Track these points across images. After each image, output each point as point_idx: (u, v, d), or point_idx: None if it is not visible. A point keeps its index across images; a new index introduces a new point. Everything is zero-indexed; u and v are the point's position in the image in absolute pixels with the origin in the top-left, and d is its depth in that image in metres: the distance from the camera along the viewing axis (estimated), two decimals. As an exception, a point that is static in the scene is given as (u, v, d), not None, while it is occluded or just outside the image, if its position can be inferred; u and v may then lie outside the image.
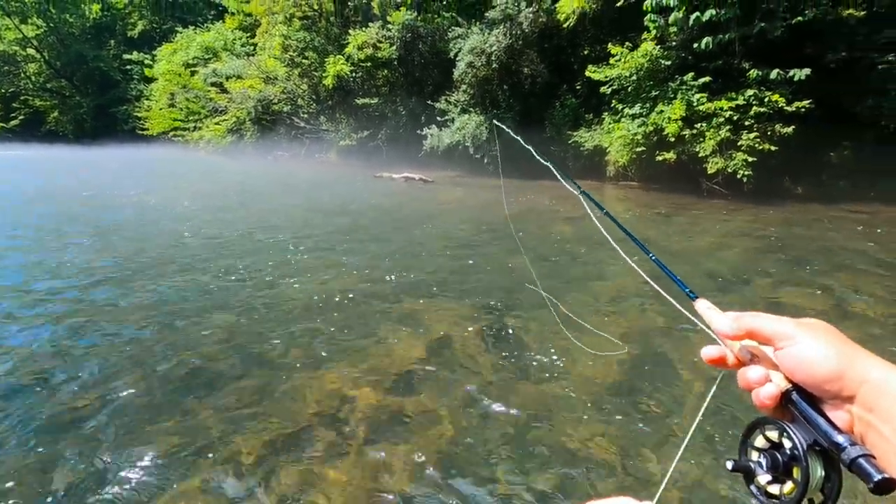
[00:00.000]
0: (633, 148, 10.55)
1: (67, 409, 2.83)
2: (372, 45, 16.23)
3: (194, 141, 23.60)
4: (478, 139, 13.48)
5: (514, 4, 13.01)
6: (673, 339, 3.65)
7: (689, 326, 3.74)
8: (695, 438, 2.51)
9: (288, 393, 2.96)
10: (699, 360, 0.58)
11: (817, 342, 0.47)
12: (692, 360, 3.31)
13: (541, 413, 2.78)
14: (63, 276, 5.13)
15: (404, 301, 4.37)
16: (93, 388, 3.01)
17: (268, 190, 11.72)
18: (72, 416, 2.75)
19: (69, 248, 6.21)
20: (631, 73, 10.49)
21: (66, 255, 5.88)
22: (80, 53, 31.76)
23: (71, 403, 2.88)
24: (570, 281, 4.94)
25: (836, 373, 0.44)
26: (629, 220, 7.96)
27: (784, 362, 0.48)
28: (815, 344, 0.47)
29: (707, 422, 2.62)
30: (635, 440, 2.54)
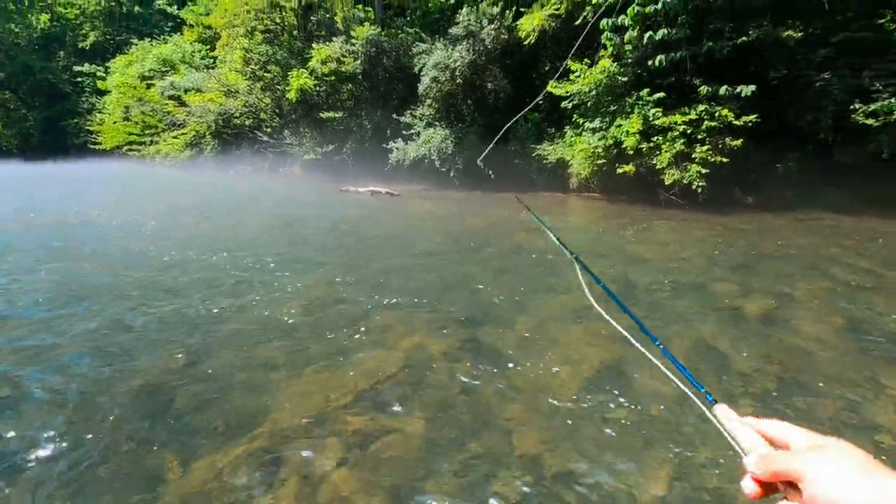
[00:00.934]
0: (594, 160, 10.86)
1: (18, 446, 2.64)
2: (336, 60, 16.18)
3: (150, 155, 22.79)
4: (443, 152, 13.58)
5: (476, 22, 13.27)
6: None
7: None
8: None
9: (252, 412, 2.84)
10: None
11: (839, 482, 0.45)
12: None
13: (514, 427, 2.77)
14: (15, 303, 4.81)
15: (372, 316, 4.31)
16: (43, 419, 2.82)
17: (230, 205, 11.41)
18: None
19: (18, 275, 5.84)
20: (590, 88, 10.83)
21: (16, 282, 5.53)
22: (26, 64, 30.29)
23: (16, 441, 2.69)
24: (536, 291, 4.99)
25: None
26: (593, 231, 8.16)
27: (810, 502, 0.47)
28: (837, 485, 0.45)
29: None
30: (606, 448, 2.56)
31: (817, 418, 2.80)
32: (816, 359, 3.47)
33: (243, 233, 8.00)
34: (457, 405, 2.95)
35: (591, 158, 10.88)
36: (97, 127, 25.32)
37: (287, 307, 4.48)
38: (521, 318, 4.26)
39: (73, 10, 32.02)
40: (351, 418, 2.81)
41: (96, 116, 26.27)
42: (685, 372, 0.71)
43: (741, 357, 3.50)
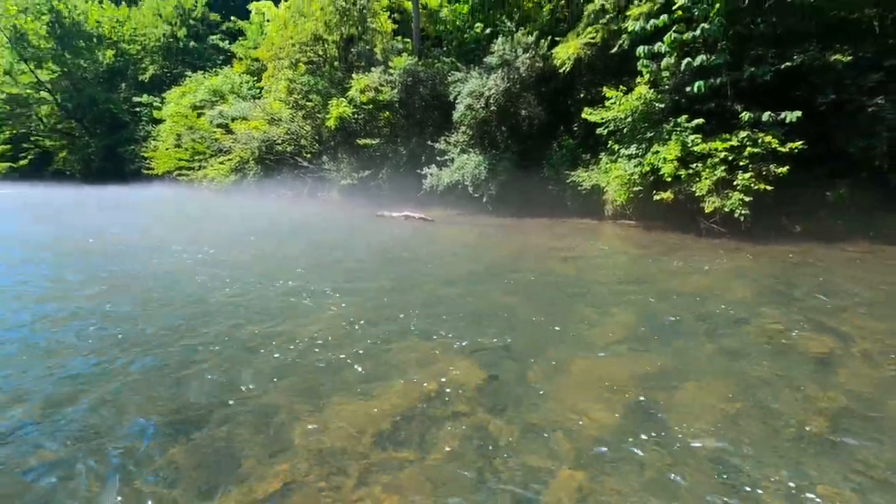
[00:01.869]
0: (630, 187, 10.67)
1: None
2: (374, 89, 16.71)
3: (198, 179, 23.96)
4: (477, 178, 13.66)
5: (511, 51, 13.47)
6: (670, 387, 3.55)
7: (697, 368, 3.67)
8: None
9: (278, 436, 2.85)
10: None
11: None
12: (689, 410, 3.20)
13: (543, 466, 2.67)
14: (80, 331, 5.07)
15: (399, 343, 4.30)
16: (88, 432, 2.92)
17: (272, 229, 11.78)
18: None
19: (82, 300, 6.17)
20: (626, 115, 10.72)
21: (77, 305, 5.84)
22: (91, 96, 32.71)
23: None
24: (569, 322, 4.86)
25: None
26: (629, 259, 7.95)
27: None
28: None
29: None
30: (635, 488, 2.43)
31: (876, 473, 2.57)
32: (878, 407, 3.21)
33: (285, 258, 8.20)
34: (482, 439, 2.87)
35: (627, 185, 10.69)
36: (151, 153, 26.90)
37: (316, 333, 4.52)
38: (552, 349, 4.14)
39: (135, 46, 34.54)
40: (371, 450, 2.77)
41: (151, 143, 27.95)
42: None
43: (791, 401, 3.27)
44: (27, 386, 3.52)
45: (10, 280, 6.51)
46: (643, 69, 10.52)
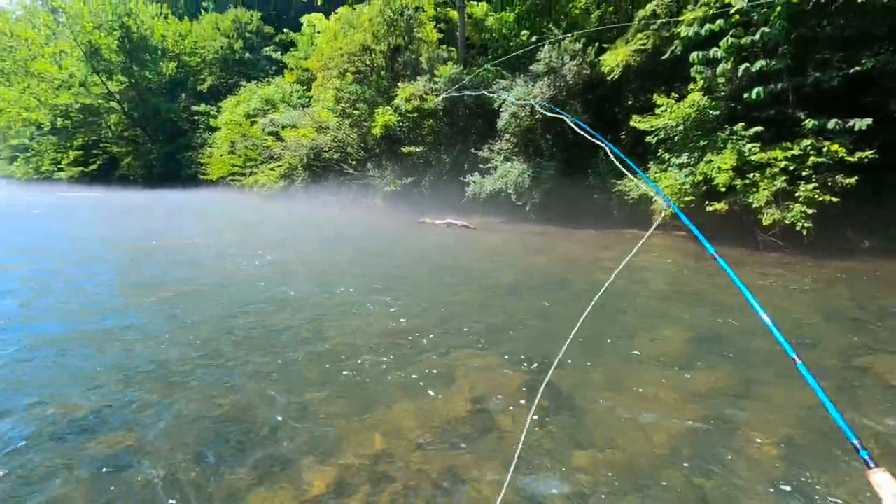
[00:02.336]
0: (680, 197, 10.29)
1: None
2: (419, 97, 16.94)
3: (249, 185, 24.95)
4: (520, 186, 13.56)
5: (557, 58, 13.35)
6: (740, 403, 3.38)
7: (765, 382, 3.48)
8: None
9: (322, 445, 2.90)
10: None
11: None
12: (763, 428, 3.04)
13: (585, 482, 2.59)
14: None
15: (442, 351, 4.30)
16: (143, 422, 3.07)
17: (321, 235, 12.11)
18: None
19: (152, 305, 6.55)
20: (677, 122, 10.38)
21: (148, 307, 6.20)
22: (155, 106, 34.80)
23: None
24: (617, 336, 4.73)
25: None
26: (679, 272, 7.66)
27: None
28: None
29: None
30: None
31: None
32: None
33: (334, 265, 8.40)
34: (531, 451, 2.82)
35: (678, 195, 10.32)
36: (206, 159, 28.26)
37: (363, 339, 4.59)
38: (597, 362, 4.04)
39: (195, 58, 36.53)
40: (414, 458, 2.78)
41: (207, 150, 29.38)
42: (845, 427, 0.68)
43: (875, 427, 3.05)
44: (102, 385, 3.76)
45: (96, 280, 6.99)
46: (697, 75, 10.17)
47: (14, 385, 3.60)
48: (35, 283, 6.55)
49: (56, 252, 8.86)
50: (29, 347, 4.31)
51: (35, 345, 4.37)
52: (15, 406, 3.29)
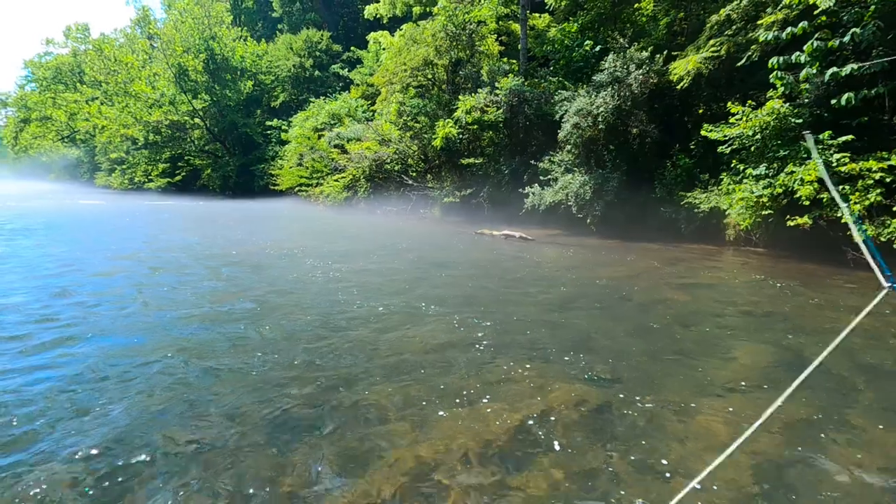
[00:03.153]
0: (757, 211, 9.65)
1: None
2: (479, 109, 17.09)
3: (315, 196, 26.16)
4: (581, 198, 13.28)
5: (622, 67, 13.02)
6: (824, 435, 3.10)
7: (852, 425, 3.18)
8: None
9: (372, 457, 2.95)
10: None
11: None
12: (849, 462, 2.77)
13: (654, 508, 2.47)
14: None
15: (495, 365, 4.26)
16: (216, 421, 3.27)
17: (386, 244, 12.45)
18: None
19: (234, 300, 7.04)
20: (754, 131, 9.78)
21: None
22: (233, 121, 37.48)
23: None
24: (682, 357, 4.48)
25: None
26: (755, 290, 7.15)
27: None
28: None
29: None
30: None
31: None
32: None
33: (392, 274, 8.60)
34: (584, 474, 2.72)
35: (754, 208, 9.69)
36: (277, 171, 29.97)
37: (422, 348, 4.65)
38: (667, 384, 3.84)
39: (270, 77, 39.05)
40: (467, 469, 2.76)
41: (277, 162, 31.16)
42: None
43: (979, 474, 2.69)
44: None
45: (194, 289, 7.60)
46: (777, 82, 9.53)
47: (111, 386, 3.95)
48: (133, 287, 7.20)
49: (148, 259, 9.68)
50: (154, 350, 4.74)
51: (163, 347, 4.80)
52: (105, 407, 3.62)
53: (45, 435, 3.07)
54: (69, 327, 5.14)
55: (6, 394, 3.61)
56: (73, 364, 4.18)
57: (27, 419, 3.27)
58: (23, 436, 3.07)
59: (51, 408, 3.43)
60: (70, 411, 3.38)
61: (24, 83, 69.07)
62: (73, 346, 4.62)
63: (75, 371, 4.04)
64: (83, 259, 9.25)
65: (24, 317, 5.44)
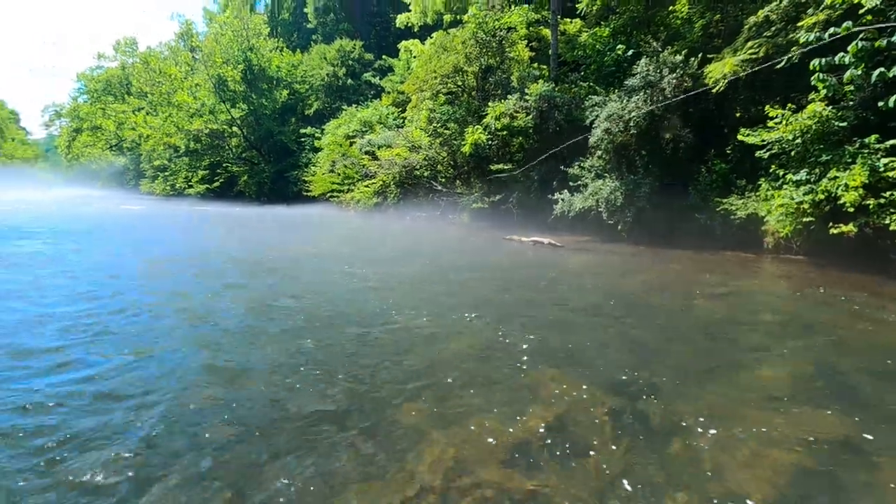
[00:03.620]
0: (798, 218, 9.31)
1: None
2: (509, 116, 17.10)
3: (346, 201, 26.65)
4: (612, 204, 13.09)
5: (655, 71, 12.81)
6: (863, 453, 2.99)
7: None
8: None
9: (397, 456, 3.00)
10: None
11: None
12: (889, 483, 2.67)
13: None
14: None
15: (522, 370, 4.27)
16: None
17: (415, 250, 12.59)
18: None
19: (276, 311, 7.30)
20: (795, 136, 9.45)
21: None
22: (269, 129, 38.66)
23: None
24: (716, 367, 4.37)
25: None
26: (796, 300, 6.90)
27: None
28: None
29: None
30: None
31: None
32: None
33: (422, 278, 8.70)
34: (620, 482, 2.71)
35: (795, 215, 9.34)
36: (310, 178, 30.69)
37: (452, 353, 4.70)
38: (700, 395, 3.77)
39: (304, 86, 40.13)
40: (498, 475, 2.78)
41: (311, 169, 31.91)
42: None
43: None
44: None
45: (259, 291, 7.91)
46: (819, 84, 9.15)
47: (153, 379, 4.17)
48: (173, 294, 7.53)
49: (190, 263, 10.09)
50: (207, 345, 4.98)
51: (206, 344, 5.04)
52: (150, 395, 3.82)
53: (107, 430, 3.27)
54: (111, 334, 5.42)
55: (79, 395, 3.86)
56: (107, 367, 4.42)
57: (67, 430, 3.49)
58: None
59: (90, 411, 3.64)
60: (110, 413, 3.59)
61: (77, 95, 73.21)
62: (107, 348, 4.88)
63: (113, 373, 4.27)
64: (129, 265, 9.74)
65: (67, 323, 5.77)
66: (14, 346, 4.67)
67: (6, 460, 2.87)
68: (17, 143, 79.43)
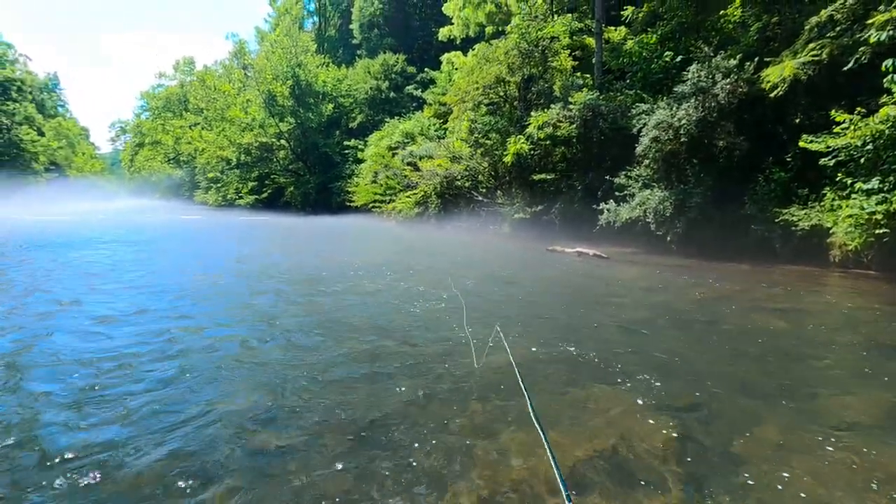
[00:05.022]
0: (869, 229, 8.65)
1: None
2: (552, 125, 16.88)
3: (388, 212, 27.03)
4: (661, 215, 12.62)
5: (707, 77, 12.33)
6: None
7: None
8: None
9: (449, 475, 2.93)
10: None
11: None
12: None
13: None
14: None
15: (580, 386, 4.10)
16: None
17: (459, 261, 12.58)
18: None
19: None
20: (864, 141, 8.82)
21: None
22: (314, 142, 39.93)
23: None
24: (785, 390, 4.06)
25: None
26: (871, 318, 6.36)
27: None
28: None
29: None
30: None
31: None
32: None
33: (467, 289, 8.63)
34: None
35: (866, 226, 8.69)
36: (353, 188, 31.37)
37: (494, 366, 4.59)
38: (767, 420, 3.49)
39: (349, 100, 41.28)
40: (539, 499, 2.65)
41: (354, 180, 32.63)
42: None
43: None
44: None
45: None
46: (891, 86, 8.59)
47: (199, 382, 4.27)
48: (233, 307, 7.80)
49: (245, 275, 10.44)
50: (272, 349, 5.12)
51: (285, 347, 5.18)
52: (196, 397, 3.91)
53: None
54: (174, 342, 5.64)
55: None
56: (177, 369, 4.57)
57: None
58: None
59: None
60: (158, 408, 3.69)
61: (140, 112, 78.37)
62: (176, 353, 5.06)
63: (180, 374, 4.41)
64: (194, 275, 10.18)
65: (137, 331, 6.05)
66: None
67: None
68: (87, 157, 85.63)
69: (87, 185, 70.29)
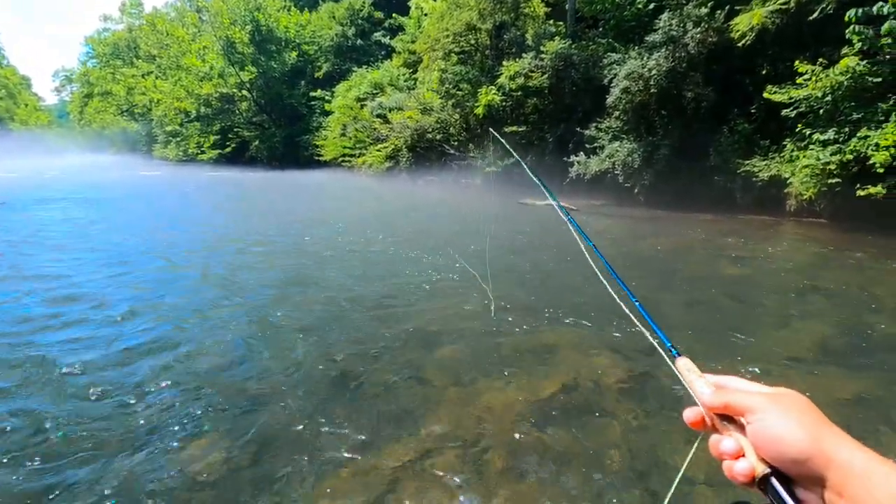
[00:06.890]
0: (823, 179, 9.02)
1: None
2: (524, 75, 16.57)
3: (358, 166, 26.46)
4: (629, 167, 12.81)
5: (679, 26, 12.22)
6: (880, 420, 2.98)
7: None
8: None
9: (422, 410, 3.08)
10: None
11: (787, 419, 0.45)
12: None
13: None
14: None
15: (552, 331, 4.29)
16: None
17: (427, 214, 12.54)
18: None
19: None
20: (824, 93, 9.04)
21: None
22: (278, 93, 38.13)
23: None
24: (738, 329, 4.34)
25: (803, 453, 0.43)
26: (818, 264, 6.77)
27: (754, 438, 0.47)
28: (784, 421, 0.45)
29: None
30: None
31: None
32: None
33: (441, 243, 8.68)
34: (634, 440, 2.74)
35: (820, 177, 9.05)
36: (321, 142, 30.41)
37: (467, 318, 4.73)
38: (725, 357, 3.76)
39: (313, 47, 39.20)
40: (515, 435, 2.84)
41: (321, 133, 31.58)
42: (655, 327, 0.76)
43: None
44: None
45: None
46: (854, 37, 8.71)
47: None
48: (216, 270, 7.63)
49: (229, 239, 10.17)
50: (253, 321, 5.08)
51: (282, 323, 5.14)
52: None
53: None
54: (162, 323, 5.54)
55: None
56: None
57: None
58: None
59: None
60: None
61: (86, 59, 72.57)
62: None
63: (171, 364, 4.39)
64: (178, 238, 9.87)
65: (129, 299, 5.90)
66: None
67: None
68: (31, 109, 79.60)
69: (33, 139, 65.64)
